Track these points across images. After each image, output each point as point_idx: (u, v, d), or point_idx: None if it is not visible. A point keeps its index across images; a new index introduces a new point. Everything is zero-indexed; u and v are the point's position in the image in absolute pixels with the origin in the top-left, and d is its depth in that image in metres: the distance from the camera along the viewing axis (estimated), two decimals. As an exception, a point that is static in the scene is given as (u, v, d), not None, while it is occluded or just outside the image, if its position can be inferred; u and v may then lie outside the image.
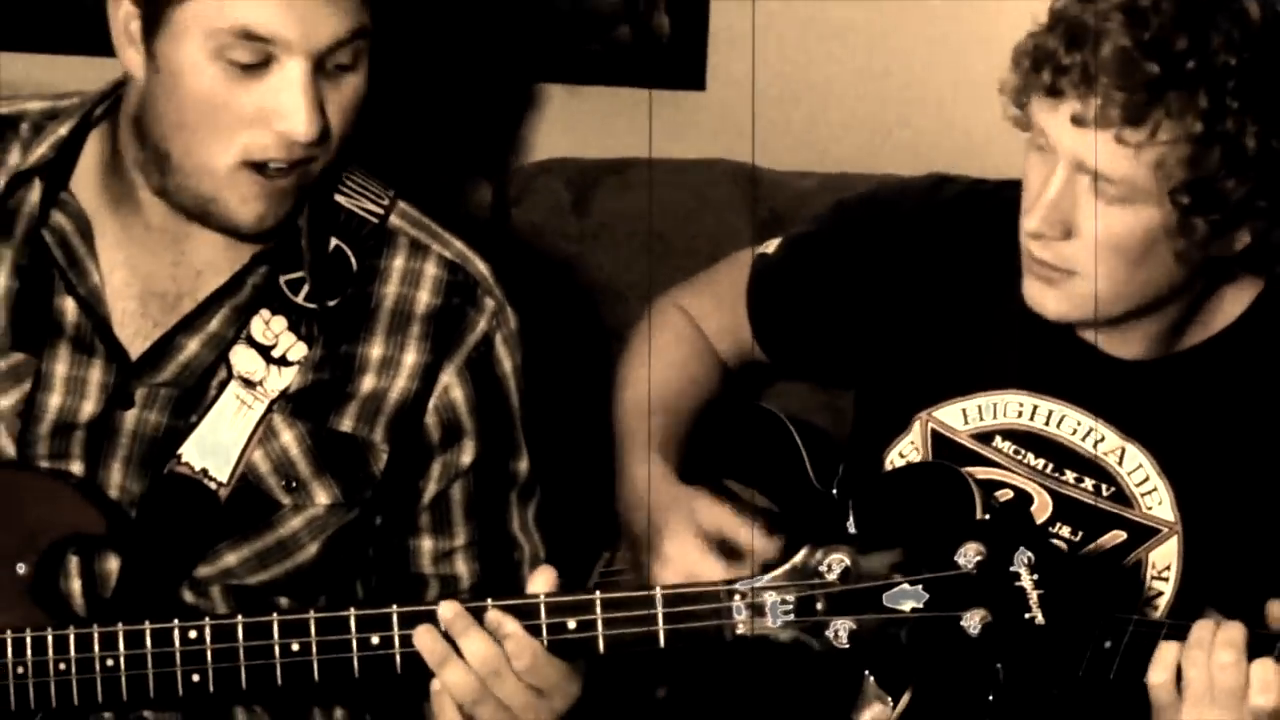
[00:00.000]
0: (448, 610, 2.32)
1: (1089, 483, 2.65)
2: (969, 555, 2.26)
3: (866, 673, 2.38)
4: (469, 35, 3.23)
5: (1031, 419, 2.67)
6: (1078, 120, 2.45)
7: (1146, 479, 2.64)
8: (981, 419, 2.70)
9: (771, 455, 2.80)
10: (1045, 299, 2.55)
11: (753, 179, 3.16)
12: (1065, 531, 2.67)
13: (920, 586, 2.27)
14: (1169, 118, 2.42)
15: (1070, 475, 2.66)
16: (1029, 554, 2.26)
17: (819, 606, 2.29)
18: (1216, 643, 2.39)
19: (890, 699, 2.40)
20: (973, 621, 2.26)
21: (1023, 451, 2.68)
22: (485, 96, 3.27)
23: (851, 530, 2.40)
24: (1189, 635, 2.42)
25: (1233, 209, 2.47)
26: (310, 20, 2.37)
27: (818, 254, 2.83)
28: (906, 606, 2.27)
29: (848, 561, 2.28)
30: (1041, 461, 2.66)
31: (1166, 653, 2.43)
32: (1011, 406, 2.68)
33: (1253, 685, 2.38)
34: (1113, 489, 2.65)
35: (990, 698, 2.36)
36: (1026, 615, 2.25)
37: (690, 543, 2.55)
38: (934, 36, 3.20)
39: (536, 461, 2.67)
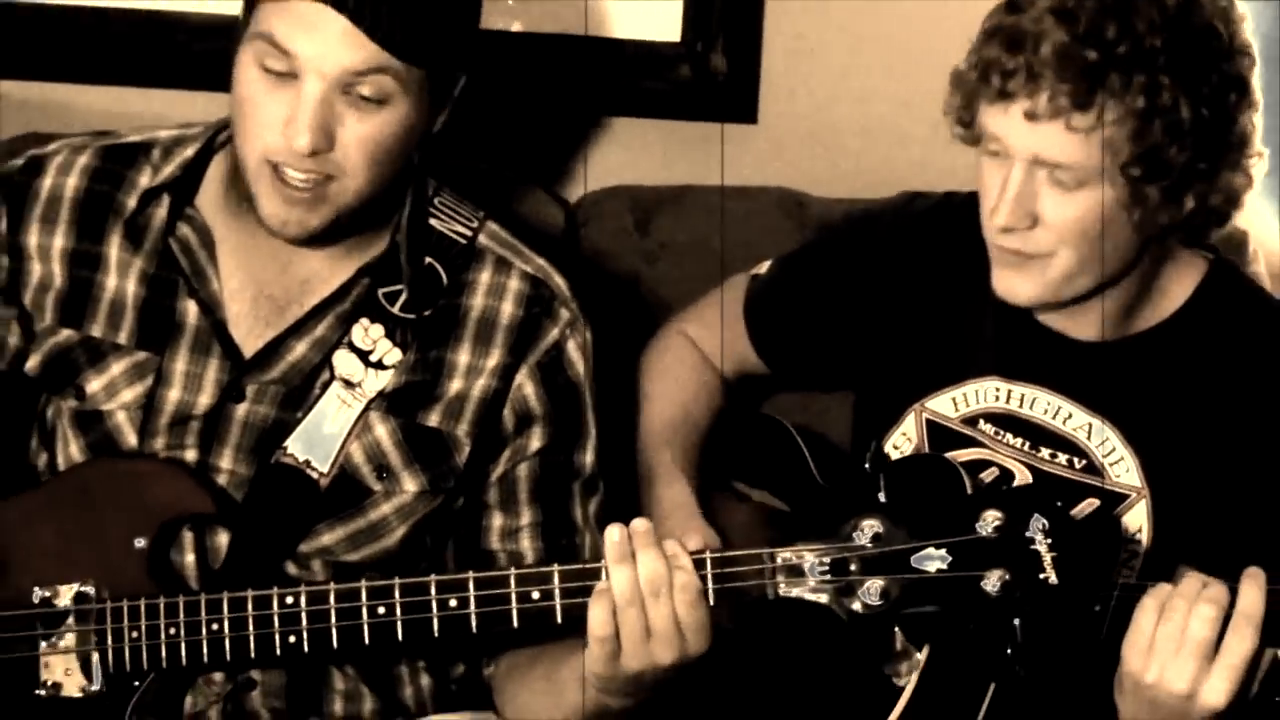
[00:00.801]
0: (640, 524, 2.34)
1: (1063, 457, 2.66)
2: (988, 522, 2.28)
3: (895, 628, 2.39)
4: (548, 74, 3.24)
5: (1008, 402, 2.68)
6: (1030, 115, 2.46)
7: (1113, 450, 2.64)
8: (968, 405, 2.70)
9: (777, 457, 2.80)
10: (1016, 286, 2.56)
11: (802, 205, 3.16)
12: None
13: (944, 550, 2.29)
14: (1112, 98, 2.45)
15: (1045, 451, 2.66)
16: (1043, 520, 2.27)
17: (852, 568, 2.31)
18: (1201, 597, 2.37)
19: (918, 653, 2.41)
20: (992, 581, 2.28)
21: (1003, 432, 2.68)
22: (560, 129, 3.27)
23: (882, 500, 2.38)
24: (1177, 585, 2.40)
25: (1178, 175, 2.49)
26: (326, 47, 2.37)
27: (807, 269, 2.85)
28: (932, 568, 2.29)
29: (879, 527, 2.31)
30: (1020, 440, 2.67)
31: (1148, 612, 2.40)
32: (990, 392, 2.69)
33: (1191, 619, 2.36)
34: (1084, 461, 2.65)
35: (1008, 651, 2.35)
36: (1041, 575, 2.27)
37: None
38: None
39: (602, 460, 2.65)
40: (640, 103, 3.30)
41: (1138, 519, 2.64)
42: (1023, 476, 2.67)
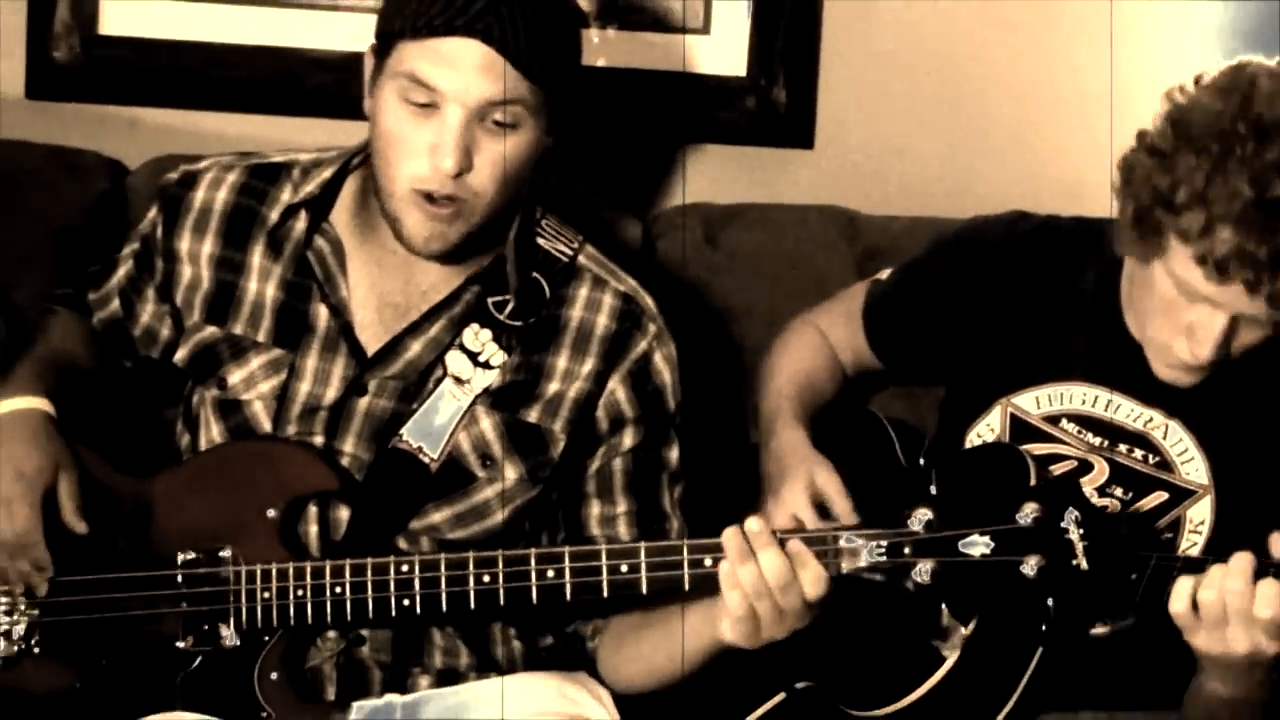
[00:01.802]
0: (755, 524, 2.33)
1: (1138, 453, 2.65)
2: (1028, 513, 2.29)
3: (943, 605, 2.39)
4: (629, 105, 3.25)
5: (1093, 406, 2.66)
6: (1251, 289, 2.39)
7: (1186, 450, 2.63)
8: (1051, 405, 2.69)
9: (867, 444, 2.81)
10: (1182, 378, 2.54)
11: (853, 222, 3.17)
12: (1118, 491, 2.65)
13: (988, 537, 2.30)
14: None
15: (1123, 448, 2.65)
16: (1076, 513, 2.28)
17: (906, 551, 2.32)
18: (1228, 571, 2.36)
19: (962, 627, 2.41)
20: (1030, 565, 2.29)
21: (1084, 431, 2.67)
22: (639, 153, 3.29)
23: (934, 492, 2.41)
24: (1206, 572, 2.39)
25: None
26: (464, 76, 2.38)
27: (921, 278, 2.83)
28: (976, 553, 2.30)
29: (930, 516, 2.32)
30: (1099, 439, 2.66)
31: (1182, 585, 2.39)
32: (1077, 396, 2.67)
33: (1257, 601, 2.35)
34: (1157, 458, 2.64)
35: (1043, 627, 2.38)
36: (1073, 562, 2.28)
37: (801, 493, 2.57)
38: (1005, 101, 3.22)
39: (685, 456, 2.65)
40: (710, 131, 3.29)
41: (1202, 512, 2.64)
42: (1100, 468, 2.67)
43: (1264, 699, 2.48)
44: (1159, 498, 2.65)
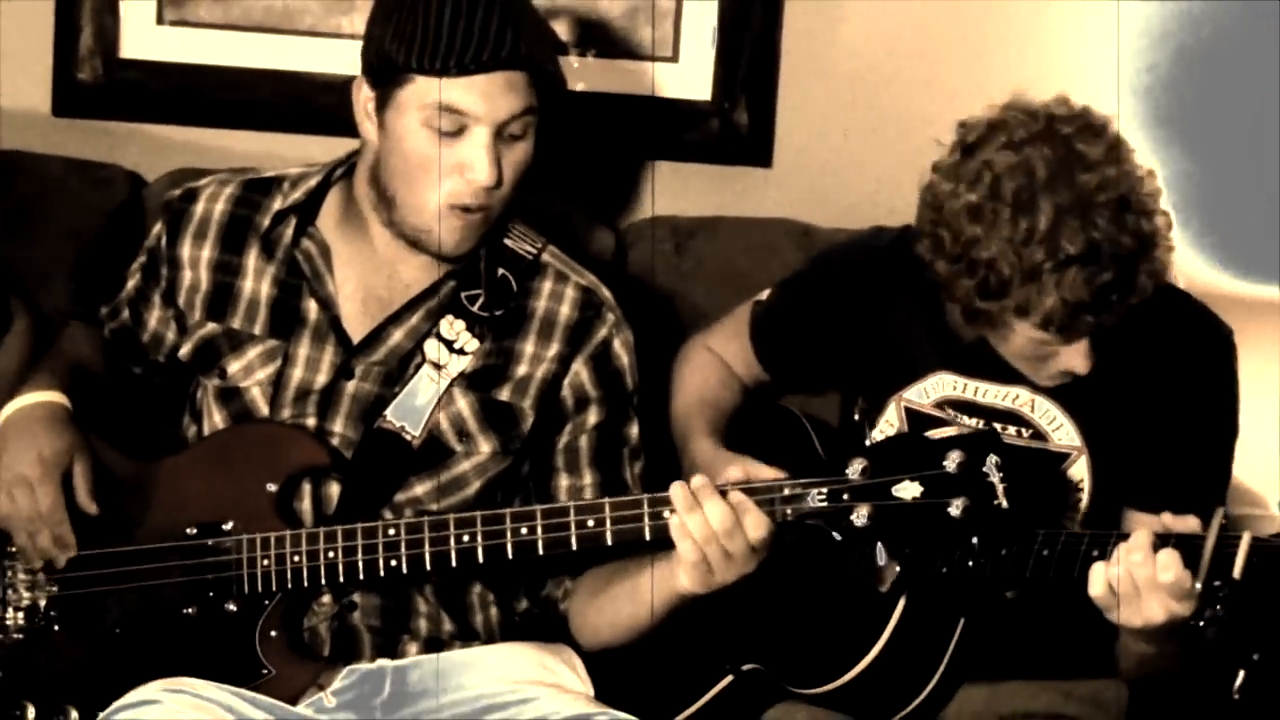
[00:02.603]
0: (699, 479, 2.34)
1: (1012, 429, 2.65)
2: (953, 460, 2.29)
3: (879, 543, 2.38)
4: (605, 126, 3.26)
5: (964, 392, 2.67)
6: (1066, 340, 2.48)
7: (1054, 419, 2.64)
8: (934, 394, 2.69)
9: (789, 439, 2.83)
10: (1067, 380, 2.58)
11: (807, 234, 3.17)
12: None
13: (918, 482, 2.30)
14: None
15: (997, 426, 2.62)
16: (996, 458, 2.28)
17: (845, 496, 2.32)
18: (1129, 547, 2.38)
19: (896, 564, 2.41)
20: (956, 507, 2.29)
21: (960, 415, 2.67)
22: (612, 169, 3.30)
23: (868, 444, 2.43)
24: (1110, 554, 2.40)
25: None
26: (493, 99, 2.42)
27: (796, 295, 2.84)
28: (908, 496, 2.30)
29: (865, 464, 2.32)
30: (976, 421, 2.66)
31: (1097, 571, 2.40)
32: (948, 384, 2.68)
33: (1159, 569, 2.36)
34: (1030, 430, 2.65)
35: (969, 564, 2.42)
36: (994, 502, 2.28)
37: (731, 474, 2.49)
38: (949, 123, 3.15)
39: (645, 433, 2.64)
40: (678, 150, 3.29)
41: (1080, 471, 2.65)
42: None
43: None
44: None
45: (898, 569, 2.42)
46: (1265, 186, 3.28)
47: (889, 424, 2.72)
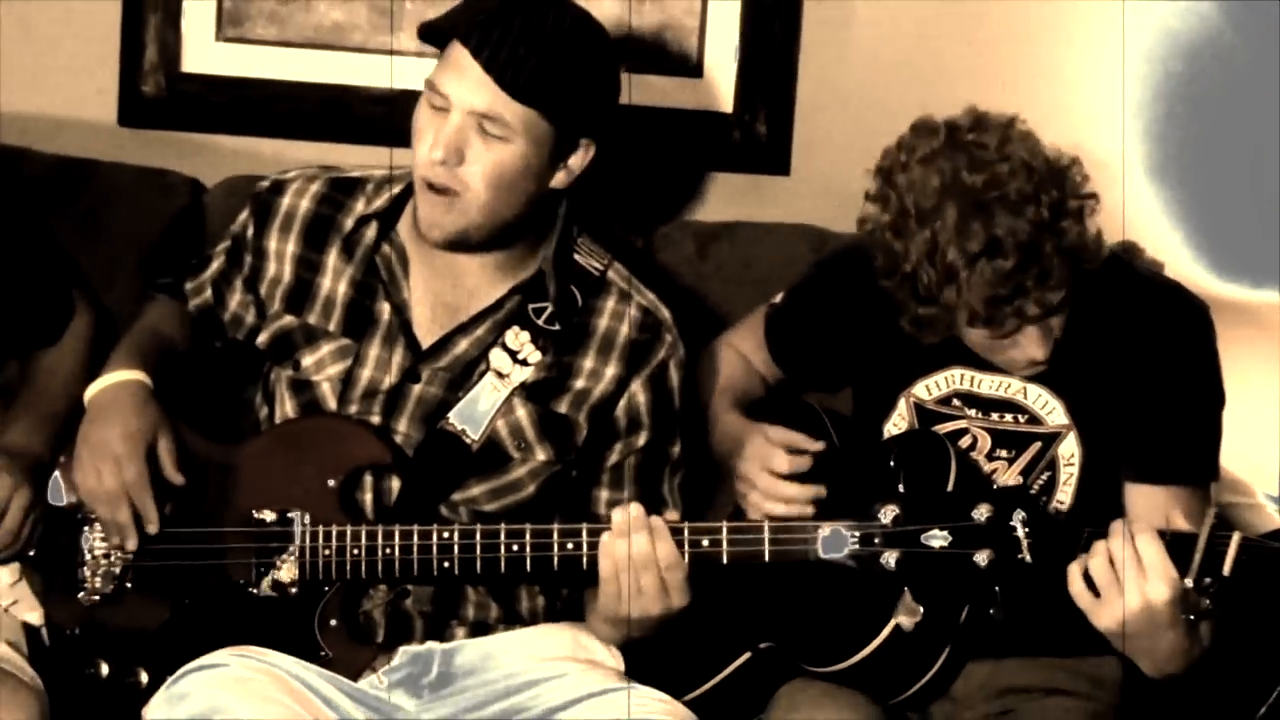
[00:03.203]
0: (636, 509, 2.38)
1: (1009, 416, 2.65)
2: (982, 512, 2.31)
3: (905, 588, 2.38)
4: (635, 137, 3.19)
5: (967, 384, 2.67)
6: (1020, 318, 2.48)
7: (1046, 402, 2.63)
8: (939, 389, 2.69)
9: (806, 431, 2.76)
10: (1032, 368, 2.59)
11: (822, 238, 3.16)
12: (1003, 453, 2.65)
13: (946, 532, 2.32)
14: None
15: (995, 415, 2.65)
16: (1023, 514, 2.30)
17: (876, 541, 2.34)
18: (1109, 535, 2.38)
19: (920, 607, 2.40)
20: (982, 557, 2.31)
21: (965, 406, 2.67)
22: (642, 178, 3.27)
23: (901, 490, 2.41)
24: (1090, 550, 2.38)
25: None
26: (465, 89, 2.39)
27: (808, 298, 2.83)
28: (936, 545, 2.32)
29: (898, 511, 2.34)
30: (975, 410, 2.66)
31: (1073, 569, 2.38)
32: (954, 378, 2.68)
33: (1138, 544, 2.34)
34: (1026, 416, 2.64)
35: (990, 611, 2.40)
36: (1019, 555, 2.30)
37: (763, 445, 2.56)
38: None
39: (687, 447, 2.64)
40: (701, 159, 3.30)
41: (1070, 447, 2.63)
42: (983, 439, 2.65)
43: (1190, 661, 2.44)
44: (1035, 447, 2.64)
45: (921, 611, 2.40)
46: (1262, 192, 3.30)
47: (900, 418, 2.70)
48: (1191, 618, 2.36)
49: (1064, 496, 2.64)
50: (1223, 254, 3.31)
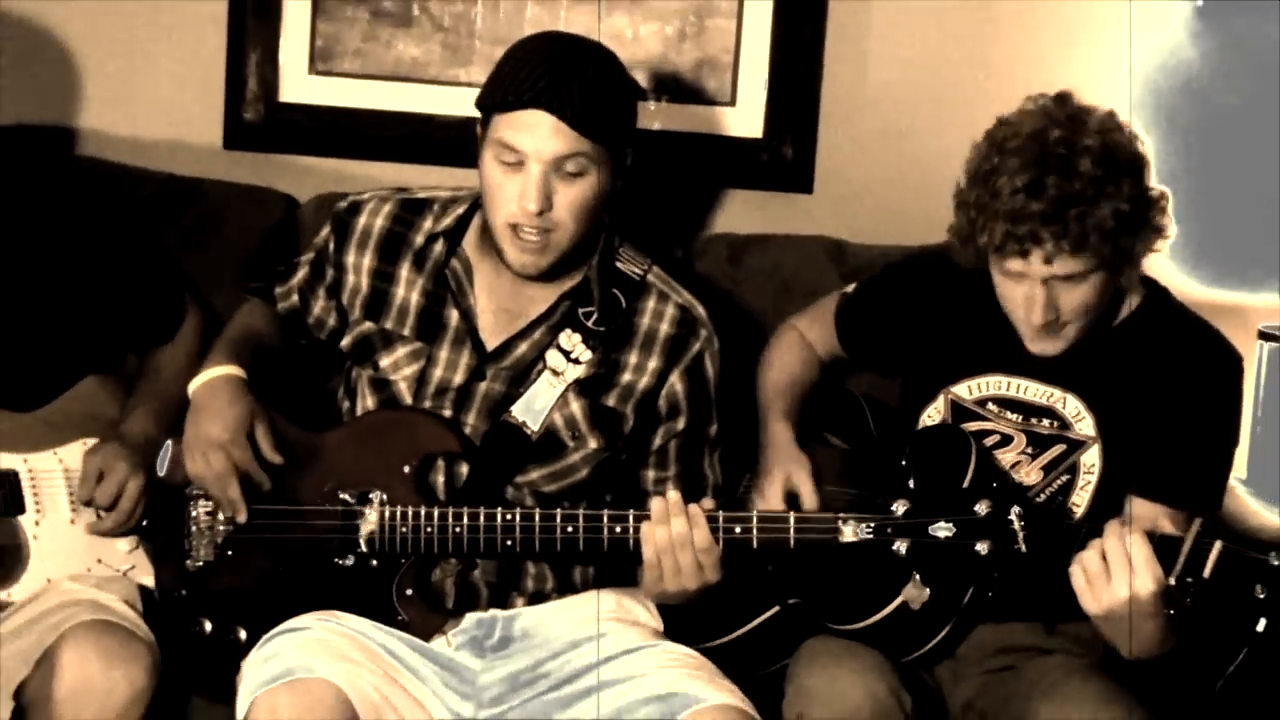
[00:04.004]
0: (674, 496, 2.39)
1: (1045, 421, 2.62)
2: (983, 507, 2.31)
3: (914, 572, 2.39)
4: (677, 158, 3.24)
5: (1010, 390, 2.65)
6: (1047, 259, 2.44)
7: (1079, 412, 2.60)
8: (979, 392, 2.66)
9: (848, 417, 2.81)
10: (1047, 348, 2.57)
11: (840, 249, 3.16)
12: (1030, 450, 2.61)
13: (951, 524, 2.33)
14: (1095, 234, 2.44)
15: (1033, 419, 2.61)
16: (1019, 509, 2.31)
17: (889, 531, 2.35)
18: (1105, 534, 2.37)
19: (927, 589, 2.41)
20: (982, 547, 2.31)
21: (1003, 410, 2.64)
22: (682, 195, 3.27)
23: (911, 487, 2.41)
24: (1085, 545, 2.37)
25: (1134, 248, 2.49)
26: (541, 142, 2.38)
27: (877, 292, 2.82)
28: (942, 535, 2.33)
29: (909, 505, 2.34)
30: (1016, 415, 2.63)
31: (1076, 562, 2.38)
32: (998, 384, 2.65)
33: (1130, 544, 2.34)
34: (1058, 422, 2.61)
35: (990, 594, 2.42)
36: (1015, 546, 2.31)
37: (777, 491, 2.58)
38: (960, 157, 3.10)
39: (723, 426, 2.62)
40: (734, 178, 3.26)
41: (1092, 458, 2.60)
42: (1019, 439, 2.62)
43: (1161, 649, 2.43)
44: (1057, 450, 2.61)
45: (928, 593, 2.40)
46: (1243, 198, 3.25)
47: (936, 411, 2.67)
48: (1171, 612, 2.35)
49: (1080, 501, 2.60)
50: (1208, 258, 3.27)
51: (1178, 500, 2.53)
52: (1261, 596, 2.28)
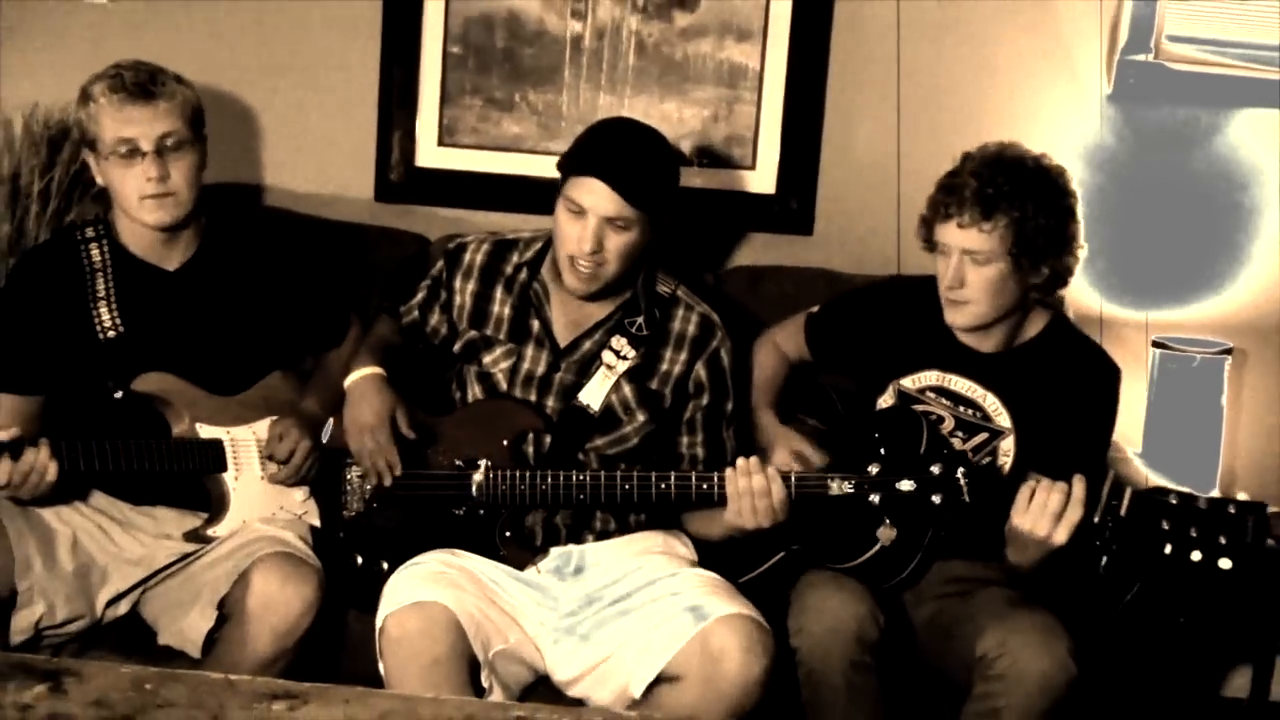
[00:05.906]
0: (754, 460, 2.37)
1: (970, 411, 2.58)
2: (936, 468, 2.29)
3: (885, 518, 2.37)
4: (711, 209, 3.19)
5: (943, 383, 2.61)
6: (960, 225, 2.42)
7: (997, 407, 2.56)
8: (920, 383, 2.63)
9: (820, 400, 2.77)
10: (956, 319, 2.53)
11: (834, 278, 3.11)
12: (959, 434, 2.56)
13: (912, 481, 2.30)
14: (1001, 215, 2.42)
15: (961, 407, 2.58)
16: (963, 468, 2.29)
17: (865, 486, 2.33)
18: (1055, 488, 2.32)
19: (895, 529, 2.39)
20: (936, 498, 2.29)
21: (938, 397, 2.61)
22: (714, 236, 3.24)
23: (882, 453, 2.39)
24: (1040, 481, 2.31)
25: (1038, 253, 2.45)
26: (599, 203, 2.39)
27: (839, 311, 2.77)
28: (906, 488, 2.31)
29: (880, 467, 2.33)
30: (948, 401, 2.60)
31: (1031, 483, 2.31)
32: (934, 377, 2.62)
33: (1053, 491, 2.29)
34: (981, 413, 2.57)
35: (942, 534, 2.38)
36: (961, 498, 2.29)
37: (785, 454, 2.53)
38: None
39: (738, 405, 2.60)
40: (754, 222, 3.22)
41: (1008, 445, 2.56)
42: (949, 421, 2.58)
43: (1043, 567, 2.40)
44: (982, 436, 2.56)
45: (895, 533, 2.38)
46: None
47: (887, 398, 2.62)
48: (1098, 543, 2.33)
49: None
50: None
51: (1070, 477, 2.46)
52: (1166, 527, 2.23)
